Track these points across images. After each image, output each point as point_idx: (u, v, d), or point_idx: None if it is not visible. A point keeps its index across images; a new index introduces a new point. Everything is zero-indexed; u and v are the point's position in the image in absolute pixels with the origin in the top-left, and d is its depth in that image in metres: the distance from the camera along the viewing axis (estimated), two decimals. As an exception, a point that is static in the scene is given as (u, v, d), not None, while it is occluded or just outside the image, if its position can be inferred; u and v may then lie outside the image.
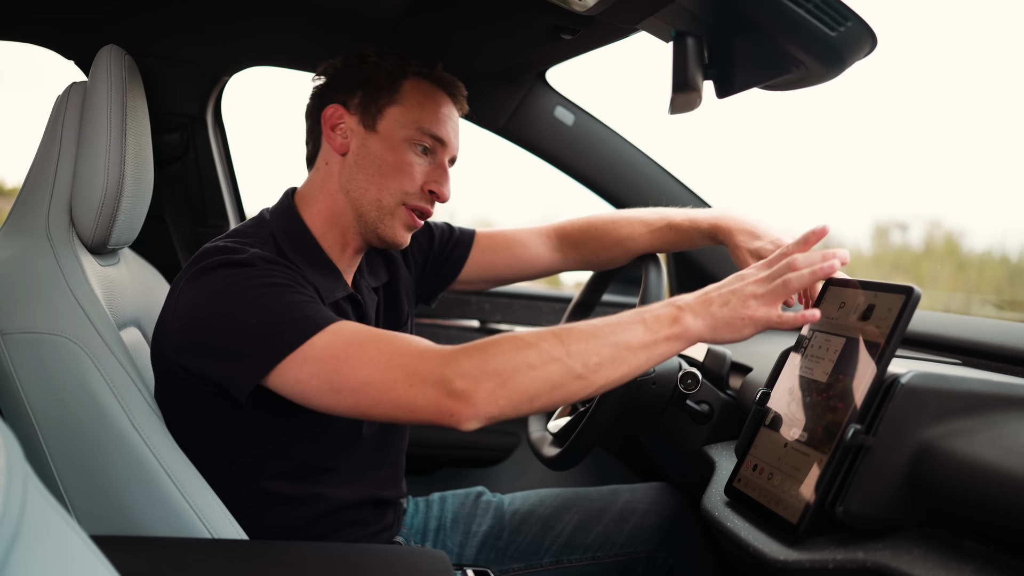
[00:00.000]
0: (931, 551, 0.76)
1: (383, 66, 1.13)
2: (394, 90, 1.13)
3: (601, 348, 0.87)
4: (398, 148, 1.11)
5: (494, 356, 0.85)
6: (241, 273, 0.95)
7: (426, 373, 0.85)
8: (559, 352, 0.86)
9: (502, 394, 0.84)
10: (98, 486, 0.92)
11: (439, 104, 1.15)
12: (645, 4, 0.82)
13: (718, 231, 1.25)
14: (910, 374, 0.82)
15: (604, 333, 0.88)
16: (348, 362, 0.87)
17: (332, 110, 1.13)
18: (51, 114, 1.09)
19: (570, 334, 0.87)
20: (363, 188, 1.11)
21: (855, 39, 0.80)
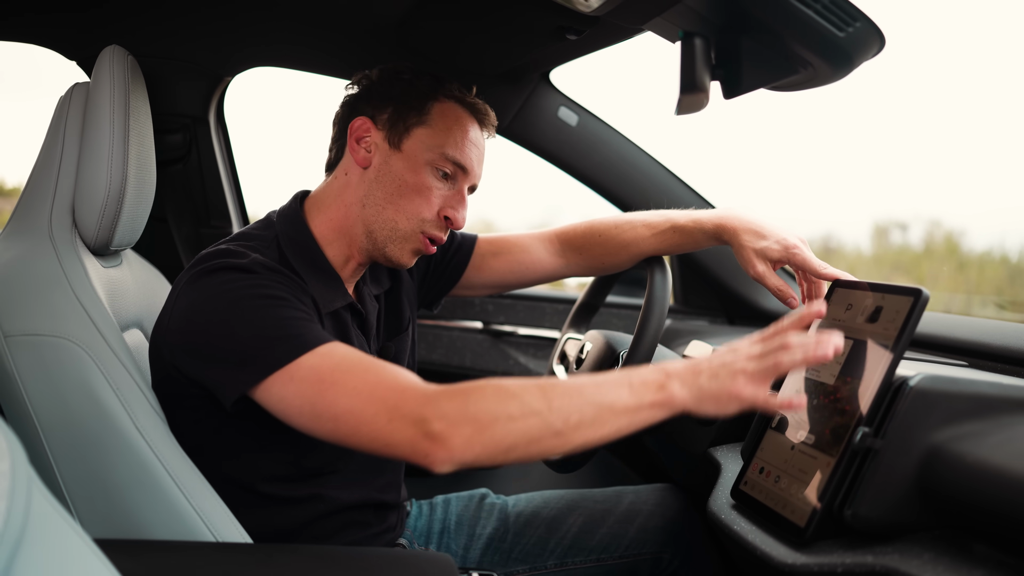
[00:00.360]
0: (941, 555, 0.75)
1: (417, 85, 1.13)
2: (424, 111, 1.12)
3: (584, 407, 0.85)
4: (419, 170, 1.11)
5: (475, 402, 0.84)
6: (240, 280, 0.94)
7: (407, 410, 0.84)
8: (541, 406, 0.85)
9: (479, 441, 0.83)
10: (101, 489, 0.92)
11: (466, 130, 1.14)
12: (652, 4, 0.82)
13: (723, 231, 1.24)
14: (919, 376, 0.82)
15: (589, 392, 0.86)
16: (332, 387, 0.87)
17: (360, 122, 1.12)
18: (54, 114, 1.09)
19: (554, 389, 0.86)
20: (380, 206, 1.11)
21: (863, 40, 0.79)
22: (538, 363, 1.98)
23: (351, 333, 1.13)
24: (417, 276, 1.34)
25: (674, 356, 1.30)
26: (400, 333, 1.27)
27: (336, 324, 1.10)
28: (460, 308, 2.01)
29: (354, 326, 1.14)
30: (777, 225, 1.21)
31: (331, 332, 1.08)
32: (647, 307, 1.18)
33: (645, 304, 1.19)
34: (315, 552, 0.89)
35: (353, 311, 1.15)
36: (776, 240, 1.18)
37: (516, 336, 2.01)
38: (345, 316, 1.12)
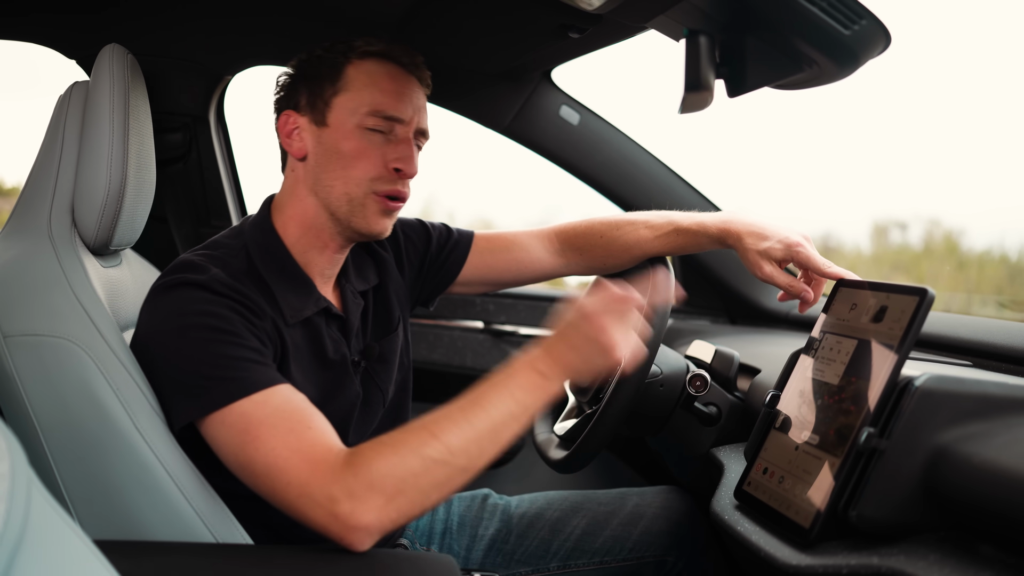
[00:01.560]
0: (947, 556, 0.75)
1: (323, 57, 1.09)
2: (336, 78, 1.08)
3: (478, 435, 0.87)
4: (352, 136, 1.07)
5: (379, 470, 0.84)
6: (193, 302, 0.94)
7: (313, 488, 0.84)
8: (439, 453, 0.86)
9: (392, 508, 0.84)
10: (101, 490, 0.91)
11: (387, 80, 1.09)
12: (655, 2, 0.81)
13: (727, 236, 1.24)
14: (925, 376, 0.81)
15: (477, 418, 0.88)
16: (254, 443, 0.87)
17: (284, 118, 1.11)
18: (53, 114, 1.08)
19: (444, 430, 0.87)
20: (329, 185, 1.08)
21: (869, 37, 0.79)
22: (539, 363, 1.97)
23: (324, 340, 1.09)
24: (411, 273, 1.31)
25: (677, 356, 1.29)
26: (389, 333, 1.24)
27: (307, 333, 1.08)
28: (461, 308, 2.01)
29: (330, 330, 1.11)
30: (778, 225, 1.21)
31: (302, 342, 1.06)
32: (649, 307, 1.18)
33: (647, 302, 1.19)
34: (315, 552, 0.89)
35: (328, 315, 1.12)
36: (778, 240, 1.18)
37: (517, 336, 2.01)
38: (318, 322, 1.09)
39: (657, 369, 1.23)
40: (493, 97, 1.67)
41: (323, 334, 1.10)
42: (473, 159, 3.83)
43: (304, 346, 1.07)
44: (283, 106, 1.12)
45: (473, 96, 1.68)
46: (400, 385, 1.25)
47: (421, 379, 1.99)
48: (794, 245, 1.17)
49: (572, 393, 1.40)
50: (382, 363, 1.20)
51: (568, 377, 0.93)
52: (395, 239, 1.29)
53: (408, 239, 1.30)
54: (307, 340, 1.07)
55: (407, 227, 1.32)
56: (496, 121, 1.71)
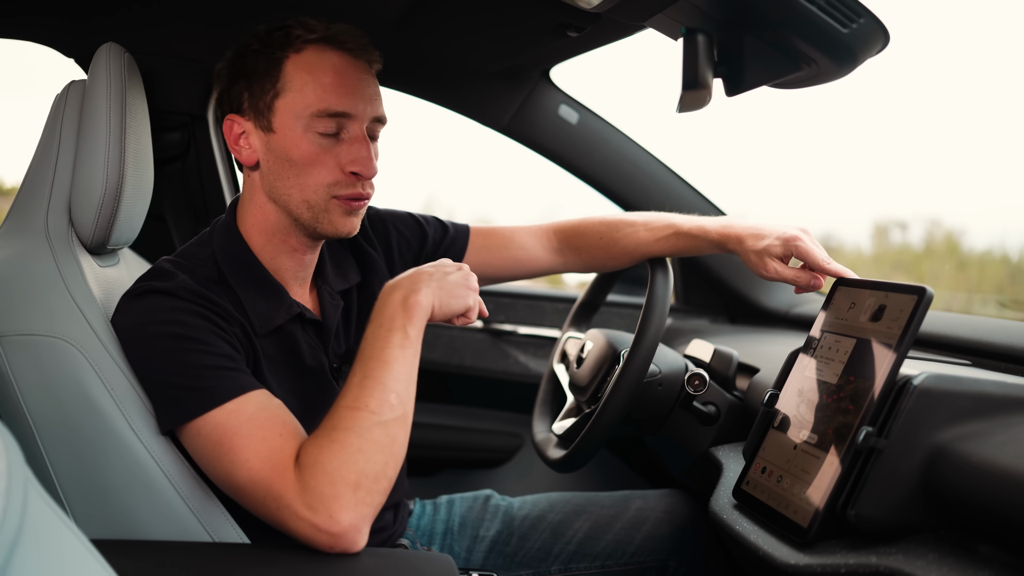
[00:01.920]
0: (945, 555, 0.75)
1: (260, 52, 1.02)
2: (276, 78, 1.00)
3: (387, 384, 0.90)
4: (301, 141, 1.00)
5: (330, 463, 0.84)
6: (158, 311, 0.93)
7: (287, 500, 0.84)
8: (367, 419, 0.87)
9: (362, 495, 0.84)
10: (97, 489, 0.91)
11: (329, 73, 1.00)
12: (654, 1, 0.81)
13: (727, 239, 1.23)
14: (923, 375, 0.81)
15: (376, 370, 0.90)
16: (228, 455, 0.87)
17: (229, 123, 1.04)
18: (50, 113, 1.08)
19: (357, 397, 0.89)
20: (287, 193, 1.03)
21: (867, 36, 0.79)
22: (538, 362, 1.97)
23: (300, 347, 1.07)
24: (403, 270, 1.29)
25: (676, 355, 1.29)
26: None
27: (280, 342, 1.05)
28: (460, 307, 2.01)
29: (306, 336, 1.09)
30: (774, 223, 1.21)
31: (274, 352, 1.04)
32: (648, 306, 1.18)
33: (646, 303, 1.18)
34: (312, 552, 0.88)
35: (302, 321, 1.09)
36: (775, 236, 1.18)
37: (516, 335, 2.01)
38: (292, 329, 1.06)
39: (656, 368, 1.23)
40: (492, 96, 1.67)
41: (298, 341, 1.07)
42: (473, 158, 3.83)
43: (278, 356, 1.04)
44: (225, 109, 1.06)
45: (472, 95, 1.68)
46: None
47: (420, 379, 1.99)
48: (792, 239, 1.16)
49: (571, 392, 1.40)
50: None
51: (438, 304, 0.97)
52: (386, 236, 1.27)
53: (401, 235, 1.28)
54: (281, 349, 1.05)
55: (399, 223, 1.29)
56: (495, 120, 1.70)
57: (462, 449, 2.01)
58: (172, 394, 0.90)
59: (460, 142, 2.96)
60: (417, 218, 1.32)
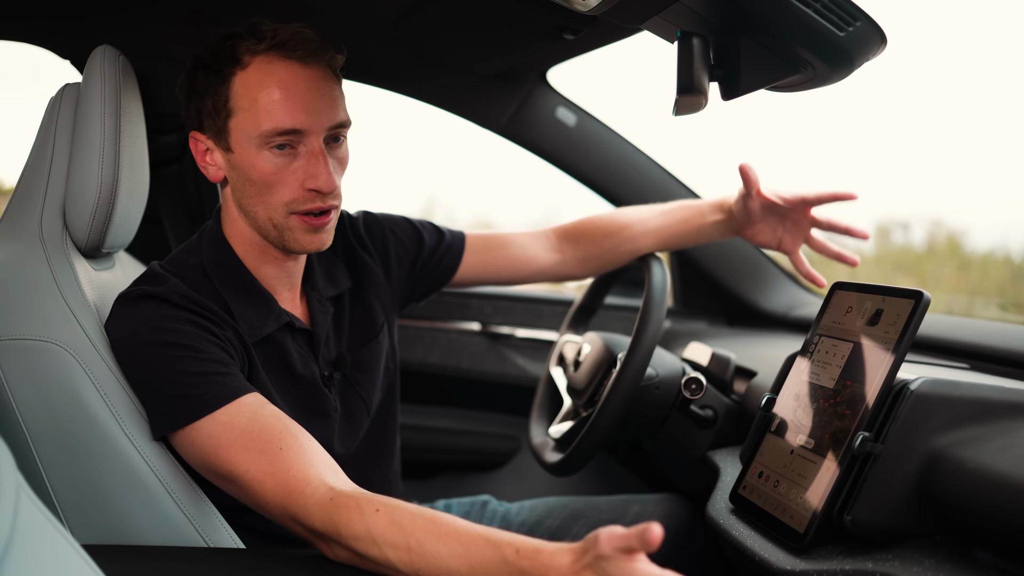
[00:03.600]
0: (942, 561, 0.75)
1: (211, 67, 0.98)
2: (225, 97, 0.97)
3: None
4: (257, 161, 0.97)
5: (347, 538, 0.81)
6: (149, 318, 0.93)
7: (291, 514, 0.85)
8: (407, 569, 0.79)
9: (359, 559, 0.83)
10: (91, 495, 0.91)
11: (276, 89, 0.96)
12: (649, 4, 0.80)
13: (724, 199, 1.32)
14: (920, 380, 0.81)
15: (457, 567, 0.77)
16: (226, 463, 0.88)
17: (194, 141, 1.03)
18: (44, 115, 1.07)
19: (421, 556, 0.78)
20: (252, 210, 1.01)
21: (864, 40, 0.78)
22: (536, 365, 1.97)
23: (291, 356, 1.06)
24: (399, 275, 1.27)
25: (673, 359, 1.29)
26: (370, 340, 1.19)
27: (270, 351, 1.04)
28: (457, 309, 2.00)
29: (296, 344, 1.08)
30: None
31: (264, 361, 1.03)
32: (644, 309, 1.17)
33: (643, 306, 1.18)
34: (306, 557, 0.88)
35: (292, 330, 1.07)
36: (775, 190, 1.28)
37: (514, 338, 2.00)
38: (282, 338, 1.05)
39: (652, 372, 1.22)
40: (489, 98, 1.67)
41: (288, 350, 1.06)
42: (473, 159, 3.83)
43: (269, 364, 1.04)
44: (189, 126, 1.04)
45: (469, 97, 1.68)
46: (386, 391, 1.23)
47: (417, 381, 1.99)
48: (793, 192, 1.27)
49: (568, 395, 1.40)
50: (362, 372, 1.17)
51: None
52: (383, 242, 1.26)
53: (398, 240, 1.27)
54: (272, 358, 1.04)
55: (396, 228, 1.29)
56: (492, 122, 1.70)
57: (459, 452, 2.00)
58: (163, 401, 0.91)
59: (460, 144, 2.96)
60: (414, 223, 1.31)
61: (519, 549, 0.76)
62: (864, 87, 1.17)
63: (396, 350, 1.27)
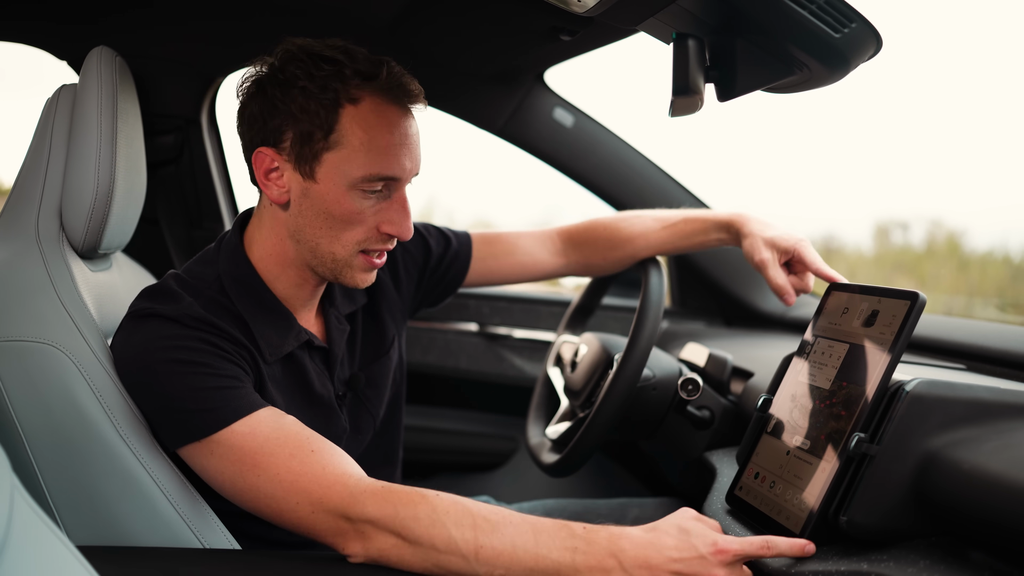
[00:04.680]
0: (937, 562, 0.75)
1: (313, 93, 0.93)
2: (330, 128, 0.94)
3: (513, 564, 0.81)
4: (343, 198, 0.96)
5: (404, 516, 0.83)
6: (161, 338, 0.91)
7: (331, 505, 0.84)
8: (468, 550, 0.81)
9: (397, 554, 0.83)
10: (86, 497, 0.90)
11: (386, 133, 0.95)
12: (645, 5, 0.81)
13: (734, 219, 1.26)
14: (915, 381, 0.81)
15: (523, 544, 0.81)
16: (253, 470, 0.87)
17: (263, 156, 0.97)
18: (41, 116, 1.07)
19: (487, 532, 0.82)
20: (314, 240, 0.99)
21: (859, 41, 0.78)
22: (533, 365, 1.97)
23: (309, 375, 1.05)
24: (408, 286, 1.26)
25: (670, 360, 1.29)
26: (381, 356, 1.19)
27: (289, 369, 1.03)
28: (455, 310, 2.01)
29: (313, 363, 1.07)
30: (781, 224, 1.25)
31: (283, 379, 1.02)
32: (642, 309, 1.17)
33: (640, 307, 1.18)
34: (302, 558, 0.88)
35: (311, 348, 1.06)
36: (786, 231, 1.22)
37: (511, 339, 2.01)
38: (301, 356, 1.04)
39: (649, 373, 1.23)
40: (486, 99, 1.67)
41: (307, 368, 1.05)
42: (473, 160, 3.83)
43: (287, 382, 1.03)
44: (257, 140, 0.97)
45: (467, 98, 1.68)
46: (392, 402, 1.23)
47: (416, 382, 1.99)
48: (800, 240, 1.20)
49: (565, 396, 1.40)
50: (373, 388, 1.17)
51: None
52: (391, 255, 1.23)
53: (406, 251, 1.26)
54: (290, 376, 1.03)
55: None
56: (490, 123, 1.70)
57: (457, 452, 2.00)
58: (178, 417, 0.89)
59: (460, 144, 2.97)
60: (419, 230, 1.28)
61: (585, 525, 0.83)
62: (863, 88, 1.17)
63: (404, 359, 1.27)
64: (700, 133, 3.03)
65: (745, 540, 0.82)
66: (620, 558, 0.80)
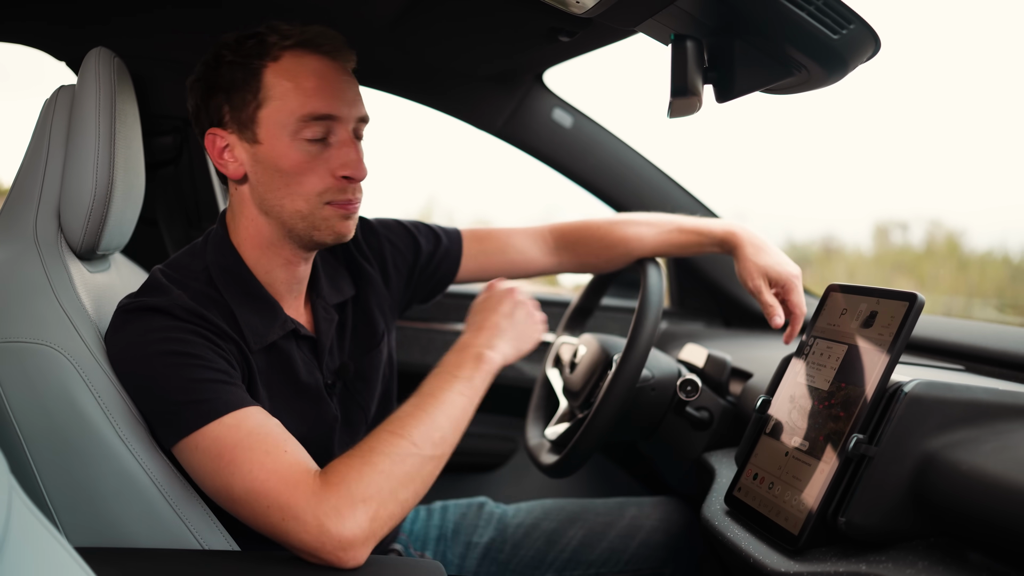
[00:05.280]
0: (935, 563, 0.75)
1: (237, 63, 0.99)
2: (256, 88, 0.98)
3: (437, 423, 0.93)
4: (289, 151, 0.98)
5: (356, 482, 0.86)
6: (153, 329, 0.91)
7: (298, 510, 0.84)
8: (406, 448, 0.90)
9: (379, 519, 0.85)
10: (85, 498, 0.90)
11: (309, 76, 0.98)
12: (644, 6, 0.80)
13: (730, 238, 1.27)
14: (914, 383, 0.81)
15: (432, 407, 0.95)
16: (229, 466, 0.86)
17: (211, 137, 1.01)
18: (39, 117, 1.07)
19: (404, 425, 0.92)
20: (278, 204, 1.00)
21: (858, 43, 0.78)
22: (532, 366, 1.97)
23: (296, 364, 1.05)
24: (398, 283, 1.26)
25: (669, 360, 1.29)
26: (372, 350, 1.19)
27: (275, 358, 1.03)
28: (454, 311, 2.00)
29: (300, 352, 1.07)
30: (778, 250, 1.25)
31: (269, 368, 1.02)
32: (640, 311, 1.17)
33: (638, 308, 1.18)
34: (301, 559, 0.88)
35: (297, 337, 1.07)
36: (782, 262, 1.23)
37: None
38: (287, 346, 1.05)
39: (648, 373, 1.23)
40: (485, 99, 1.67)
41: (293, 357, 1.05)
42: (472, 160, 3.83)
43: (273, 372, 1.03)
44: (205, 123, 1.02)
45: (465, 98, 1.68)
46: (383, 397, 1.23)
47: (415, 383, 1.98)
48: (794, 275, 1.22)
49: (564, 397, 1.40)
50: (363, 381, 1.17)
51: (506, 357, 1.04)
52: (380, 248, 1.24)
53: (394, 247, 1.26)
54: (276, 366, 1.04)
55: (392, 234, 1.27)
56: (489, 123, 1.70)
57: (456, 453, 1.98)
58: (170, 409, 0.89)
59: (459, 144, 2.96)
60: (408, 228, 1.29)
61: (455, 360, 1.02)
62: (862, 88, 1.17)
63: (394, 357, 1.26)
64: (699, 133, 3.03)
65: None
66: (474, 343, 1.03)
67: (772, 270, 1.21)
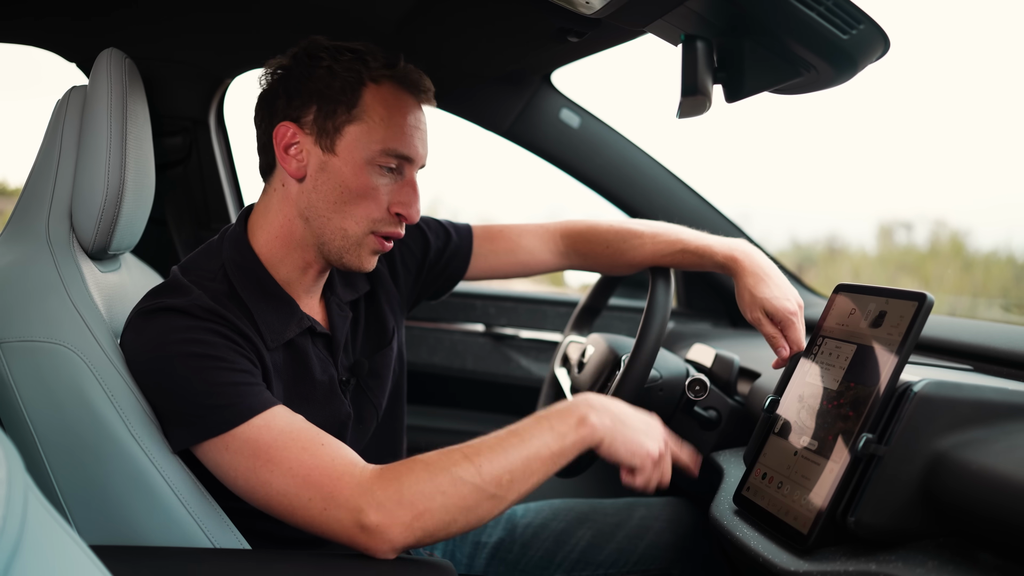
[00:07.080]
0: (945, 563, 0.75)
1: (338, 72, 1.00)
2: (352, 103, 1.00)
3: (511, 463, 0.88)
4: (360, 172, 1.00)
5: (409, 486, 0.85)
6: (174, 330, 0.91)
7: (341, 499, 0.85)
8: (471, 475, 0.86)
9: (419, 526, 0.85)
10: (98, 496, 0.91)
11: (404, 114, 1.02)
12: (654, 6, 0.81)
13: (730, 263, 1.19)
14: (923, 382, 0.81)
15: (512, 446, 0.89)
16: (267, 465, 0.87)
17: (284, 129, 1.01)
18: (51, 118, 1.08)
19: (479, 452, 0.88)
20: (325, 216, 1.01)
21: (867, 43, 0.78)
22: (540, 366, 1.97)
23: (311, 361, 1.06)
24: (407, 280, 1.27)
25: (677, 360, 1.29)
26: (384, 347, 1.19)
27: (291, 355, 1.04)
28: (461, 311, 2.01)
29: (316, 349, 1.08)
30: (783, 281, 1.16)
31: (285, 365, 1.03)
32: (649, 310, 1.17)
33: (647, 307, 1.18)
34: (312, 558, 0.89)
35: (313, 335, 1.07)
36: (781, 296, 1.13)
37: (518, 339, 2.01)
38: (303, 343, 1.05)
39: (656, 373, 1.23)
40: (493, 100, 1.67)
41: (309, 354, 1.06)
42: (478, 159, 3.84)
43: (289, 369, 1.04)
44: (281, 114, 1.02)
45: (473, 99, 1.68)
46: (393, 395, 1.23)
47: (422, 382, 2.00)
48: (793, 312, 1.12)
49: (571, 397, 1.40)
50: (375, 378, 1.17)
51: (609, 437, 0.94)
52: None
53: (404, 245, 1.26)
54: (292, 363, 1.04)
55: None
56: (497, 124, 1.71)
57: None
58: (195, 412, 0.89)
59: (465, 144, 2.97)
60: (419, 224, 1.29)
61: (554, 408, 0.95)
62: (868, 88, 1.16)
63: (403, 354, 1.27)
64: (707, 133, 3.03)
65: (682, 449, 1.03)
66: (590, 402, 0.95)
67: (770, 304, 1.12)
